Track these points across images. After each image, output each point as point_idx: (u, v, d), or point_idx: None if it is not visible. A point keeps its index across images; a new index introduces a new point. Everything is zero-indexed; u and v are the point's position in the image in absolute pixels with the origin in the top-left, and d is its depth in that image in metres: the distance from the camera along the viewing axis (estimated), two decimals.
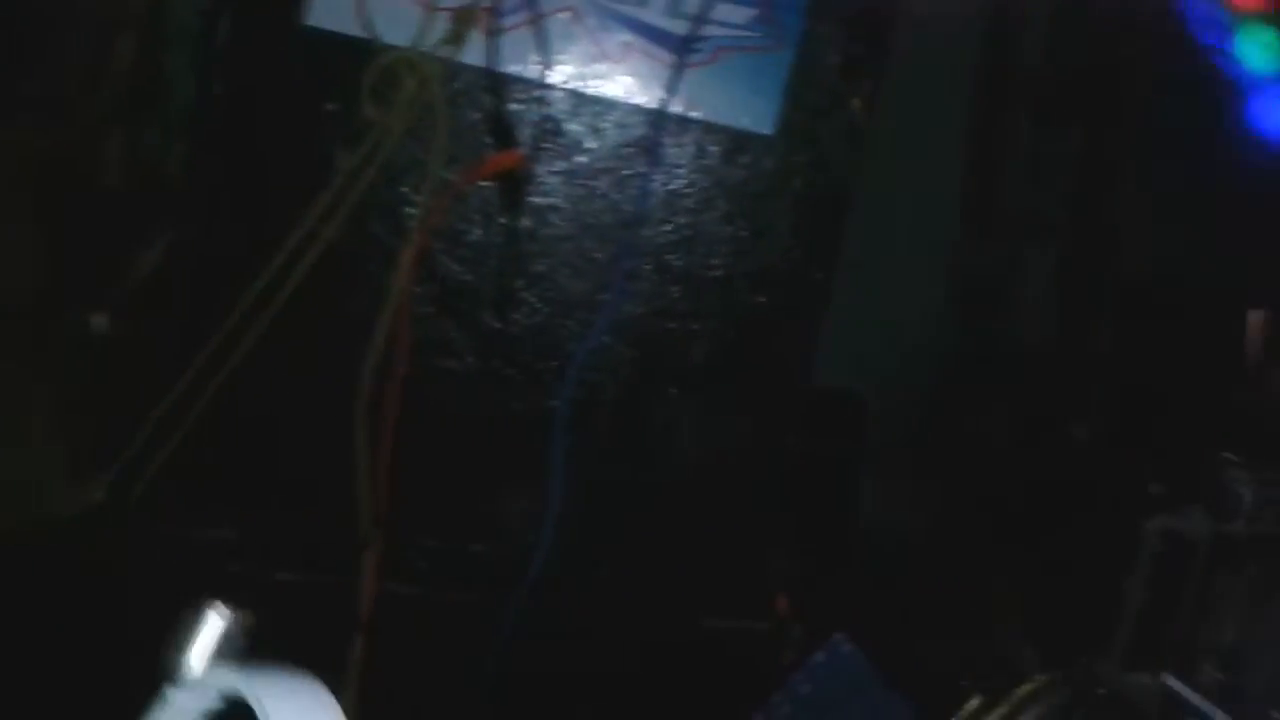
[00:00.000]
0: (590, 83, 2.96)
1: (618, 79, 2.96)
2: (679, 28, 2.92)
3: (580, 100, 2.97)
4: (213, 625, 1.08)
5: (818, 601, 3.24)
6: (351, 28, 2.80)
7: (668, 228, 3.02)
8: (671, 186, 3.01)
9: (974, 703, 1.93)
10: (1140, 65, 3.57)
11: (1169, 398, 3.11)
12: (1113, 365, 3.43)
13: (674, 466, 3.09)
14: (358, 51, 2.79)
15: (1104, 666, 1.51)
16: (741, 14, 2.92)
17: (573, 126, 2.99)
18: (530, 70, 2.92)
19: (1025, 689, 1.78)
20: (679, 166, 3.00)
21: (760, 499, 3.15)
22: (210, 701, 1.00)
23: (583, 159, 3.01)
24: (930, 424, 3.70)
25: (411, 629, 2.89)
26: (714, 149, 2.99)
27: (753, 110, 2.96)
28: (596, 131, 3.00)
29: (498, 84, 2.92)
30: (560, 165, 3.00)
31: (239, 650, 1.08)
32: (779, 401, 3.15)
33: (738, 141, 2.98)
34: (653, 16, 2.93)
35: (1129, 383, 3.30)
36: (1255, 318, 3.13)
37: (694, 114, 2.97)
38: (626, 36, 2.94)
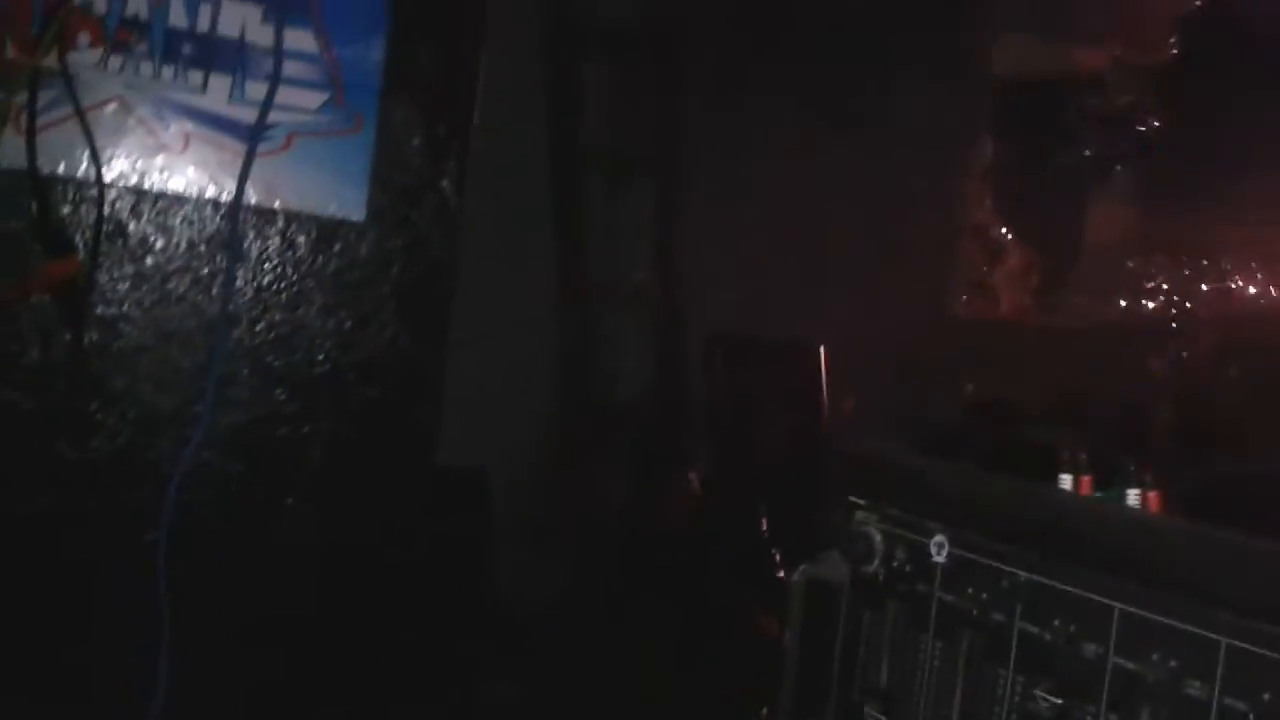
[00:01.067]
0: (151, 178, 2.71)
1: (183, 172, 2.73)
2: (244, 114, 2.74)
3: (141, 197, 2.71)
4: None
5: (462, 689, 3.13)
6: None
7: (261, 326, 2.81)
8: (260, 282, 2.81)
9: None
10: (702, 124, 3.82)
11: (771, 440, 3.31)
12: (713, 413, 3.61)
13: (300, 579, 2.86)
14: None
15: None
16: (311, 98, 2.79)
17: (136, 226, 2.72)
18: (80, 169, 2.63)
19: None
20: (265, 260, 2.81)
21: (394, 594, 3.00)
22: None
23: (153, 260, 2.74)
24: (554, 490, 3.72)
25: None
26: (302, 239, 2.83)
27: (339, 196, 2.83)
28: (165, 229, 2.74)
29: (42, 186, 2.60)
30: (128, 269, 2.72)
31: None
32: (404, 491, 3.02)
33: (327, 230, 2.84)
34: (213, 104, 2.73)
35: (733, 429, 3.49)
36: (823, 353, 3.41)
37: (275, 203, 2.79)
38: (187, 126, 2.72)
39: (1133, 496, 1.30)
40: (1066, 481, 1.37)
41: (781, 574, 2.72)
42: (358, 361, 2.89)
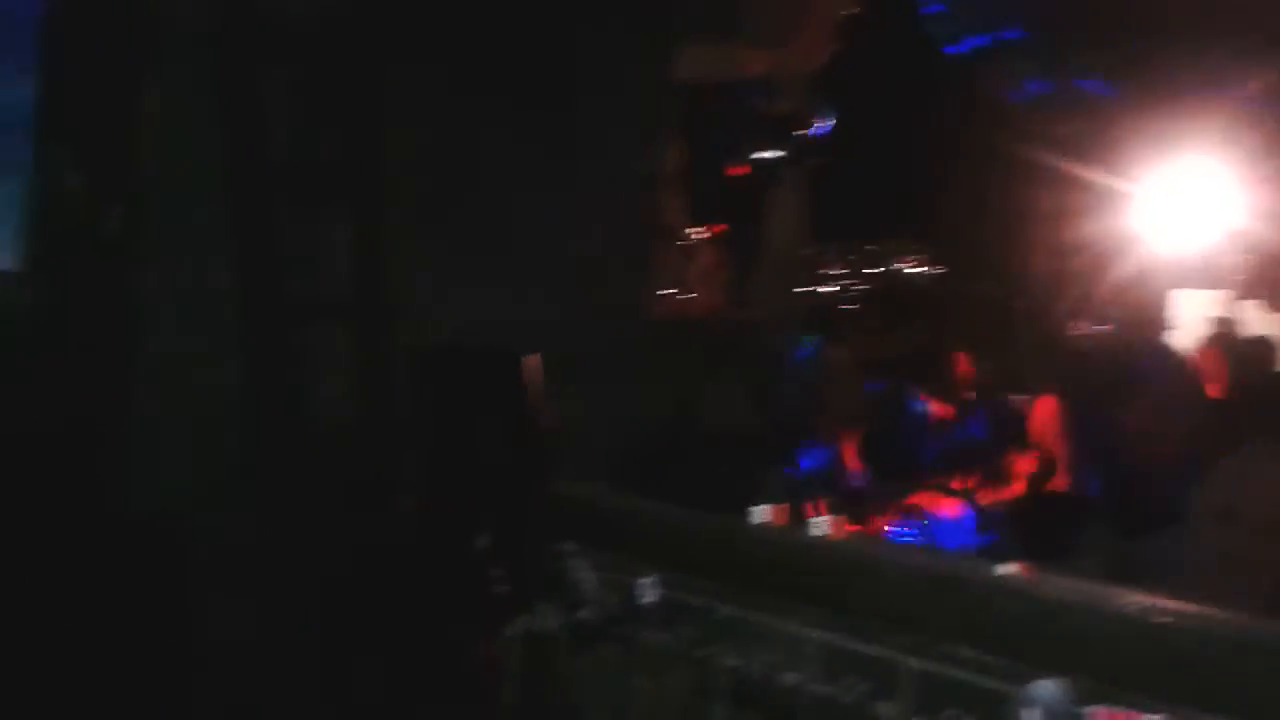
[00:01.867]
0: None
1: None
2: None
3: None
4: None
5: None
6: None
7: None
8: None
9: None
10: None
11: (482, 455, 3.29)
12: (421, 432, 3.55)
13: None
14: None
15: None
16: None
17: None
18: None
19: None
20: None
21: (83, 655, 2.78)
22: None
23: None
24: (255, 529, 3.54)
25: None
26: None
27: None
28: None
29: None
30: None
31: None
32: (86, 550, 2.79)
33: None
34: None
35: (442, 447, 3.44)
36: (530, 361, 3.43)
37: None
38: None
39: (821, 525, 1.38)
40: (762, 512, 1.43)
41: (500, 589, 2.70)
42: (20, 421, 2.63)
